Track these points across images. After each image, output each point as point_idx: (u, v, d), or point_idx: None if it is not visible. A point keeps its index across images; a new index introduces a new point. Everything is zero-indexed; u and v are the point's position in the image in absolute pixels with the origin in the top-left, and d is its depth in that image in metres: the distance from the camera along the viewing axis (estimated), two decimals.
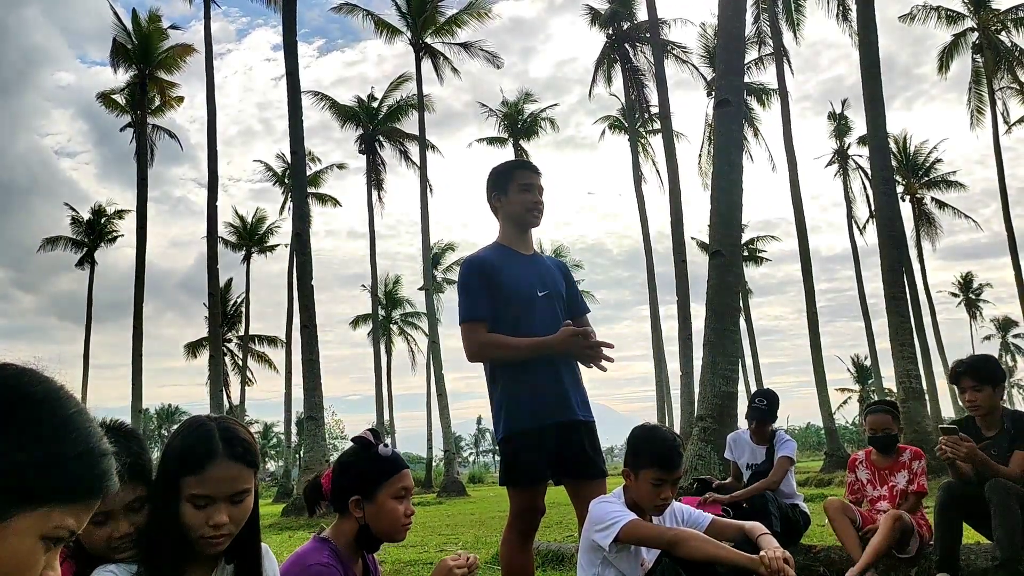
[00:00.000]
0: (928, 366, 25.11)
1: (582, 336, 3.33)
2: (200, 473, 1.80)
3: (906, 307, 15.84)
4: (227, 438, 1.84)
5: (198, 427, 1.87)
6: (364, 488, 2.29)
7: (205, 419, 1.90)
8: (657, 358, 30.03)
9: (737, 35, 10.70)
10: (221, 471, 1.81)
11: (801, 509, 5.35)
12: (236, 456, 1.83)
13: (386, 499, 2.29)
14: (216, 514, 1.80)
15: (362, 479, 2.29)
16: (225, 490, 1.81)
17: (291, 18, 19.45)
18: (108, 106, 28.95)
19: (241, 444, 1.85)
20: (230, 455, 1.82)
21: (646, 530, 2.97)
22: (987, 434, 4.26)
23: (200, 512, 1.80)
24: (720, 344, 9.52)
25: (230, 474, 1.82)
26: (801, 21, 29.33)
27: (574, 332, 3.34)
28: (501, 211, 3.61)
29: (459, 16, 30.11)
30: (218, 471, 1.80)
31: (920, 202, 37.43)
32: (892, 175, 17.86)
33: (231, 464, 1.82)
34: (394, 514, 2.30)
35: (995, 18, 30.82)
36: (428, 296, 29.60)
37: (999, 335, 65.16)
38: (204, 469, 1.80)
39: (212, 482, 1.80)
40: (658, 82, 23.65)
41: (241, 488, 1.84)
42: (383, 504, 2.29)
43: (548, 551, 6.13)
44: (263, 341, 42.33)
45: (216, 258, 23.76)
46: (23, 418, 0.86)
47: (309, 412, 18.22)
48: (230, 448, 1.83)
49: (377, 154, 35.29)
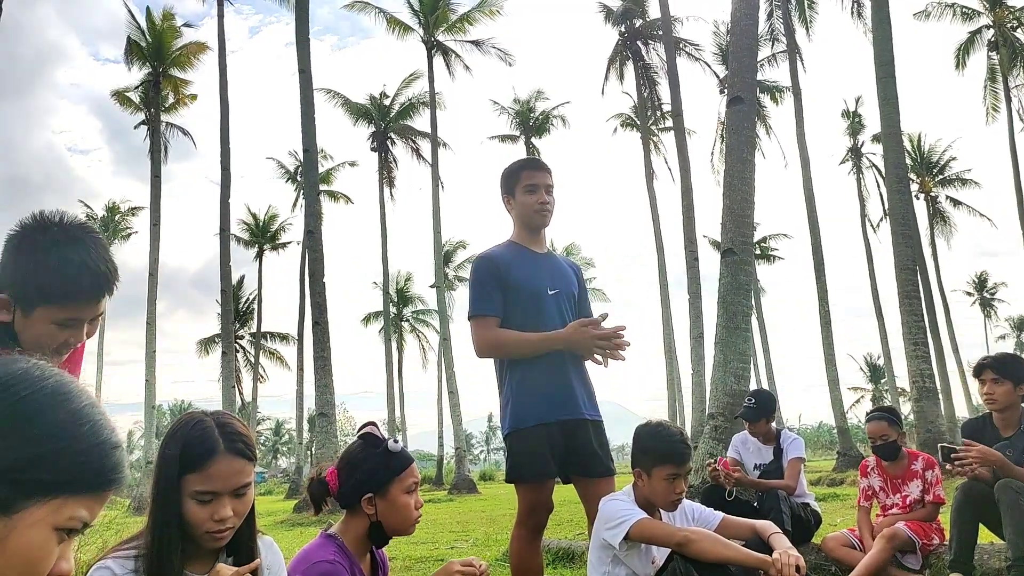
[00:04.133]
0: (942, 366, 24.96)
1: (591, 326, 3.32)
2: (203, 470, 1.81)
3: (920, 306, 15.72)
4: (226, 433, 1.86)
5: (195, 424, 1.88)
6: (376, 485, 2.29)
7: (200, 415, 1.91)
8: (668, 356, 29.95)
9: (750, 32, 10.65)
10: (224, 466, 1.83)
11: (812, 508, 5.33)
12: (237, 451, 1.86)
13: (399, 494, 2.30)
14: (221, 509, 1.82)
15: (374, 476, 2.30)
16: (229, 485, 1.83)
17: (304, 15, 19.47)
18: (122, 104, 29.10)
19: (240, 438, 1.87)
20: (231, 450, 1.85)
21: (656, 529, 2.97)
22: (1004, 434, 4.23)
23: (204, 508, 1.81)
24: (732, 342, 9.49)
25: (233, 468, 1.84)
26: (814, 18, 29.19)
27: (583, 323, 3.33)
28: (512, 212, 3.62)
29: (471, 14, 30.10)
30: (221, 466, 1.82)
31: (934, 200, 37.17)
32: (906, 173, 17.74)
33: (233, 459, 1.84)
34: (407, 509, 2.32)
35: (1011, 15, 30.54)
36: (439, 293, 29.62)
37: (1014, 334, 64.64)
38: (206, 466, 1.81)
39: (216, 478, 1.82)
40: (670, 79, 23.56)
41: (244, 481, 1.86)
42: (396, 499, 2.29)
43: (558, 549, 6.13)
44: (275, 338, 42.48)
45: (229, 255, 23.83)
46: (34, 411, 0.87)
47: (320, 409, 18.26)
48: (230, 443, 1.85)
49: (389, 151, 35.35)
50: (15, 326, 1.88)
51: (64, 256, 1.83)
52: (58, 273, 1.83)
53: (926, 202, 36.79)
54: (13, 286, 1.86)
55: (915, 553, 4.53)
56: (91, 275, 1.86)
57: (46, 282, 1.83)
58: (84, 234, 1.89)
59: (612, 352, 3.36)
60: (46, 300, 1.84)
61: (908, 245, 15.94)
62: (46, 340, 1.87)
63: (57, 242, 1.84)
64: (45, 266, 1.82)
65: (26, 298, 1.85)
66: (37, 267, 1.83)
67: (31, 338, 1.87)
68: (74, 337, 1.92)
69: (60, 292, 1.84)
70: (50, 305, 1.85)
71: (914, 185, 34.63)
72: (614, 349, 3.36)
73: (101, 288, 1.90)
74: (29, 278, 1.84)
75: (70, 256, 1.83)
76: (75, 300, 1.86)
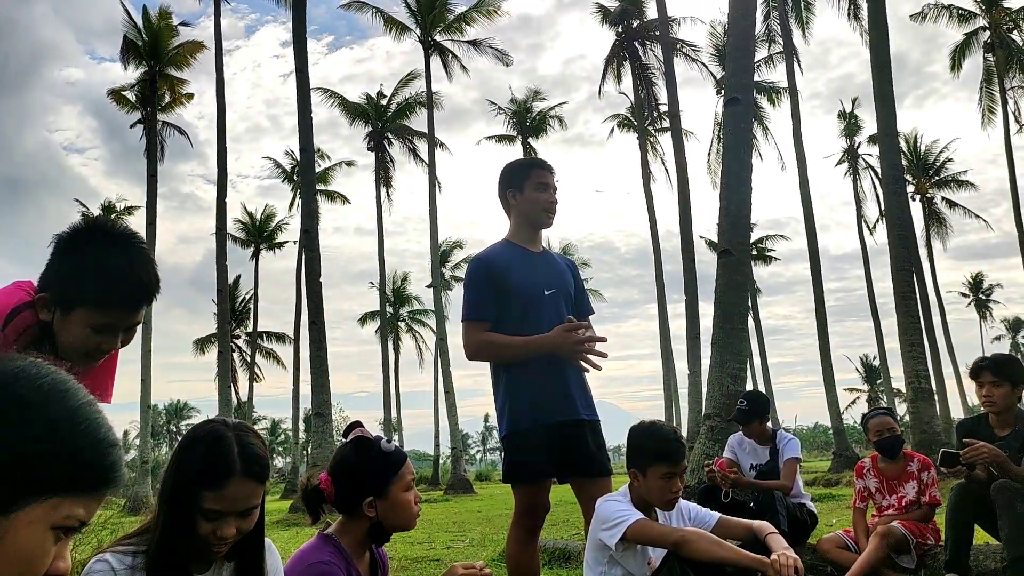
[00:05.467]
0: (937, 366, 24.97)
1: (572, 330, 3.32)
2: (217, 490, 1.80)
3: (916, 307, 15.74)
4: (245, 456, 1.84)
5: (217, 440, 1.85)
6: (376, 489, 2.28)
7: (223, 429, 1.89)
8: (665, 357, 29.97)
9: (747, 33, 10.66)
10: (237, 489, 1.82)
11: (808, 508, 5.33)
12: (252, 475, 1.84)
13: (398, 493, 2.30)
14: (224, 527, 1.82)
15: (373, 479, 2.28)
16: (238, 507, 1.83)
17: (301, 15, 19.45)
18: (118, 103, 28.99)
19: (258, 462, 1.86)
20: (247, 473, 1.83)
21: (653, 530, 2.97)
22: (1000, 434, 4.24)
23: (209, 524, 1.81)
24: (728, 343, 9.50)
25: (244, 492, 1.83)
26: (811, 19, 29.22)
27: (567, 327, 3.33)
28: (515, 209, 3.59)
29: (468, 13, 30.09)
30: (234, 489, 1.81)
31: (930, 201, 37.23)
32: (902, 174, 17.74)
33: (247, 483, 1.83)
34: (408, 506, 2.32)
35: (1007, 17, 30.60)
36: (436, 293, 29.61)
37: (1009, 335, 64.82)
38: (220, 486, 1.80)
39: (227, 499, 1.81)
40: (667, 80, 23.61)
41: (253, 504, 1.86)
42: (396, 499, 2.29)
43: (555, 549, 6.13)
44: (271, 338, 42.43)
45: (225, 254, 23.80)
46: (31, 409, 0.87)
47: (317, 409, 18.24)
48: (247, 466, 1.83)
49: (386, 151, 35.33)
50: (54, 326, 1.90)
51: (107, 262, 1.86)
52: (98, 278, 1.85)
53: (922, 203, 36.86)
54: (55, 287, 1.89)
55: (910, 552, 4.54)
56: (131, 283, 1.88)
57: (86, 286, 1.85)
58: (130, 242, 1.92)
59: (588, 360, 3.36)
60: (84, 303, 1.86)
61: (904, 246, 15.97)
62: (81, 343, 1.89)
63: (101, 247, 1.87)
64: (87, 270, 1.85)
65: (66, 300, 1.87)
66: (79, 270, 1.86)
67: (67, 340, 1.89)
68: (108, 343, 1.93)
69: (99, 297, 1.86)
70: (88, 309, 1.86)
71: (910, 186, 34.67)
72: (587, 356, 3.35)
73: (140, 297, 1.92)
74: (70, 280, 1.86)
75: (112, 262, 1.86)
76: (113, 306, 1.88)
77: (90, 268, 1.85)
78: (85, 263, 1.86)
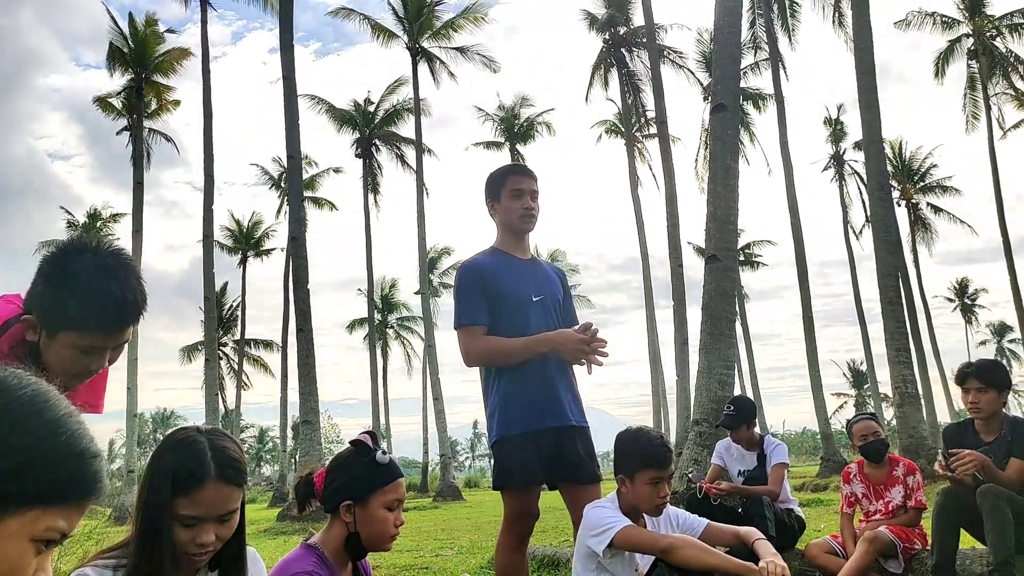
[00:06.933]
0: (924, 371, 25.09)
1: (582, 330, 3.32)
2: (190, 495, 1.78)
3: (902, 312, 15.85)
4: (219, 460, 1.82)
5: (189, 444, 1.84)
6: (357, 493, 2.26)
7: (195, 434, 1.87)
8: (653, 363, 30.02)
9: (733, 40, 10.73)
10: (212, 493, 1.80)
11: (796, 514, 5.34)
12: (227, 478, 1.82)
13: (378, 507, 2.25)
14: (203, 534, 1.79)
15: (356, 483, 2.26)
16: (215, 511, 1.81)
17: (288, 21, 19.43)
18: (104, 109, 28.83)
19: (232, 465, 1.84)
20: (222, 477, 1.81)
21: (640, 536, 2.97)
22: (985, 439, 4.27)
23: (187, 531, 1.79)
24: (716, 348, 9.54)
25: (221, 495, 1.81)
26: (796, 27, 29.39)
27: (580, 328, 3.34)
28: (496, 217, 3.61)
29: (456, 20, 30.13)
30: (209, 493, 1.79)
31: (916, 207, 37.52)
32: (888, 180, 17.86)
33: (222, 486, 1.81)
34: (384, 524, 2.27)
35: (990, 24, 30.92)
36: (424, 300, 29.58)
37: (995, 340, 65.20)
38: (195, 491, 1.78)
39: (202, 504, 1.79)
40: (654, 87, 23.68)
41: (231, 508, 1.84)
42: (374, 512, 2.25)
43: (543, 556, 6.12)
44: (259, 345, 42.26)
45: (212, 262, 23.67)
46: (11, 420, 0.86)
47: (305, 416, 18.16)
48: (221, 470, 1.81)
49: (373, 158, 35.31)
50: (40, 347, 1.88)
51: (91, 284, 1.84)
52: (83, 301, 1.83)
53: (908, 209, 37.13)
54: (40, 310, 1.87)
55: (897, 557, 4.55)
56: (116, 306, 1.87)
57: (71, 309, 1.83)
58: (116, 263, 1.90)
59: (593, 357, 3.37)
60: (69, 327, 1.84)
61: (890, 252, 16.08)
62: (68, 364, 1.88)
63: (86, 270, 1.85)
64: (72, 293, 1.83)
65: (51, 322, 1.86)
66: (64, 293, 1.84)
67: (54, 361, 1.87)
68: (96, 364, 1.92)
69: (84, 321, 1.84)
70: (73, 331, 1.85)
71: (896, 192, 34.90)
72: (592, 355, 3.36)
73: (126, 319, 1.91)
74: (55, 303, 1.85)
75: (97, 285, 1.84)
76: (99, 329, 1.87)
77: (75, 291, 1.83)
78: (70, 286, 1.84)
